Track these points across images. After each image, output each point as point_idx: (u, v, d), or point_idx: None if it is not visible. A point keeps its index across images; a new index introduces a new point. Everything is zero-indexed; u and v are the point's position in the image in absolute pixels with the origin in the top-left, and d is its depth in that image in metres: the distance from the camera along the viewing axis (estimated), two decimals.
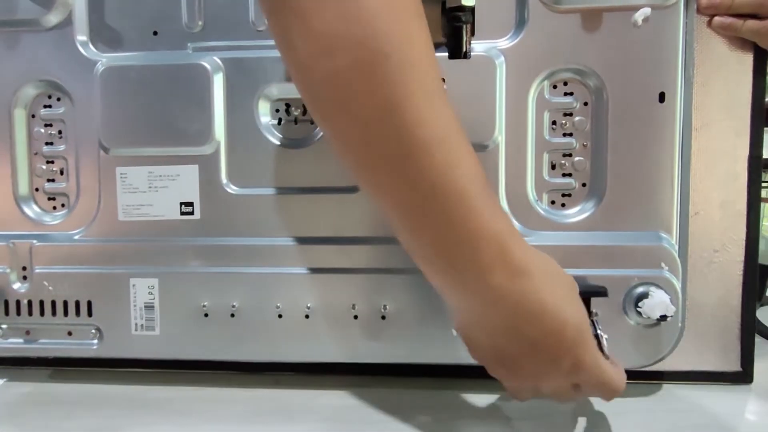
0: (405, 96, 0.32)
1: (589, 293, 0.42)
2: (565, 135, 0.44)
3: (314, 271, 0.45)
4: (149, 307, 0.46)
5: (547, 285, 0.35)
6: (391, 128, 0.32)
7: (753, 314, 0.46)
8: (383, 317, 0.45)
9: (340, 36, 0.32)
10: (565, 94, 0.44)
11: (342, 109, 0.33)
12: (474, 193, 0.33)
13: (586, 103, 0.44)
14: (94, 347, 0.47)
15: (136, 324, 0.46)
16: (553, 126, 0.44)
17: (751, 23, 0.43)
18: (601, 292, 0.42)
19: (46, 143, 0.48)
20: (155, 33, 0.46)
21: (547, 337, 0.35)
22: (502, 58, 0.43)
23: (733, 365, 0.46)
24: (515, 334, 0.35)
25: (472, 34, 0.43)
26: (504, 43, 0.43)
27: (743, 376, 0.46)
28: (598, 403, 0.44)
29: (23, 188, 0.48)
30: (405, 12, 0.33)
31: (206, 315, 0.46)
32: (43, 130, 0.48)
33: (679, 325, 0.43)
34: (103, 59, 0.46)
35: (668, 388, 0.46)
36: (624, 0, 0.42)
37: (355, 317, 0.45)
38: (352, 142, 0.34)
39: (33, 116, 0.48)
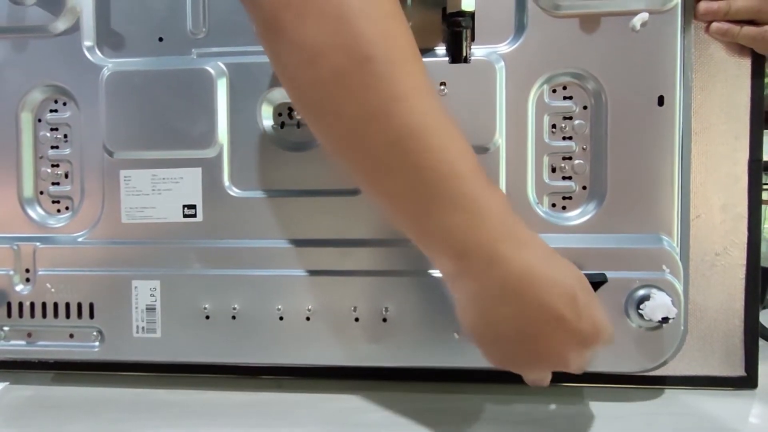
0: (391, 93, 0.34)
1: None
2: (564, 138, 0.45)
3: (315, 273, 0.45)
4: (151, 309, 0.46)
5: (549, 256, 0.36)
6: (381, 124, 0.34)
7: (756, 318, 0.46)
8: (384, 320, 0.45)
9: (322, 45, 0.33)
10: (565, 98, 0.44)
11: (330, 114, 0.35)
12: (471, 171, 0.35)
13: (585, 107, 0.44)
14: (96, 350, 0.47)
15: (137, 326, 0.47)
16: (553, 129, 0.45)
17: (748, 29, 0.43)
18: (601, 280, 0.42)
19: (52, 147, 0.49)
20: (160, 39, 0.47)
21: (564, 304, 0.35)
22: (502, 63, 0.44)
23: (737, 370, 0.46)
24: (529, 307, 0.35)
25: (472, 39, 0.44)
26: (504, 47, 0.44)
27: (747, 380, 0.46)
28: (599, 407, 0.44)
29: (28, 191, 0.49)
30: (383, 14, 0.34)
31: (207, 317, 0.46)
32: (48, 134, 0.49)
33: (682, 328, 0.43)
34: (109, 64, 0.47)
35: (671, 393, 0.46)
36: (622, 5, 0.42)
37: (357, 320, 0.45)
38: (344, 144, 0.35)
39: (39, 120, 0.49)
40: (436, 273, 0.44)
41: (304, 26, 0.34)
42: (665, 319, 0.41)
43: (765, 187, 0.46)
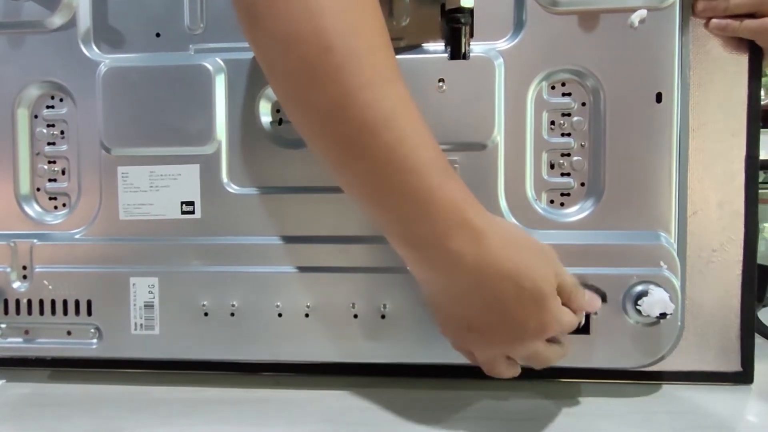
0: (350, 85, 0.34)
1: None
2: (563, 135, 0.45)
3: (314, 270, 0.45)
4: (149, 306, 0.46)
5: (506, 247, 0.36)
6: (340, 116, 0.35)
7: (752, 314, 0.46)
8: (383, 316, 0.45)
9: (290, 35, 0.35)
10: (564, 94, 0.44)
11: (300, 101, 0.36)
12: (423, 166, 0.35)
13: (584, 104, 0.44)
14: (94, 347, 0.47)
15: (135, 323, 0.46)
16: (552, 126, 0.45)
17: (749, 22, 0.43)
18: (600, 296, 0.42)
19: (48, 143, 0.48)
20: (158, 35, 0.47)
21: (509, 298, 0.36)
22: (501, 59, 0.44)
23: (733, 365, 0.46)
24: (479, 297, 0.36)
25: (471, 35, 0.44)
26: (503, 44, 0.44)
27: (743, 376, 0.46)
28: (597, 403, 0.44)
29: (24, 188, 0.49)
30: (348, 4, 0.35)
31: (206, 314, 0.46)
32: (45, 131, 0.48)
33: (679, 323, 0.43)
34: (106, 60, 0.46)
35: (668, 389, 0.46)
36: (621, 2, 0.42)
37: (355, 316, 0.45)
38: (311, 129, 0.37)
39: (36, 117, 0.48)
40: None
41: (276, 16, 0.35)
42: (663, 315, 0.41)
43: (763, 186, 0.47)
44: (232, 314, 0.46)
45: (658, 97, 0.43)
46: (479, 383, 0.46)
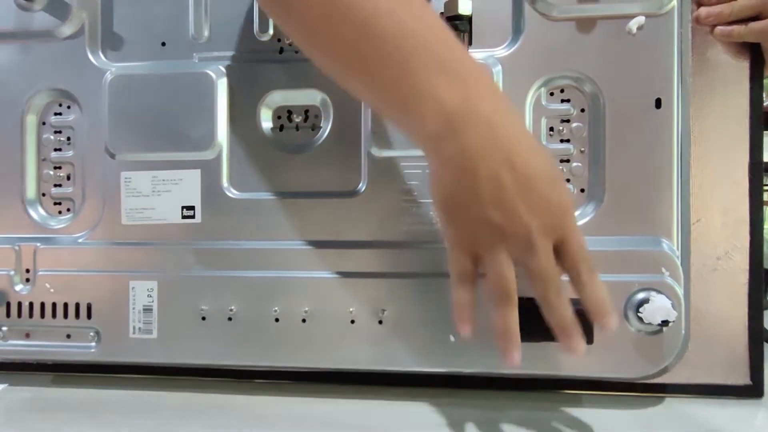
0: None
1: None
2: (562, 141, 0.45)
3: (312, 275, 0.45)
4: (147, 310, 0.46)
5: (521, 120, 0.38)
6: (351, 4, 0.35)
7: (760, 324, 0.45)
8: (380, 322, 0.44)
9: None
10: (562, 101, 0.44)
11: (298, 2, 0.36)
12: (450, 38, 0.35)
13: (583, 110, 0.44)
14: (92, 350, 0.47)
15: (134, 327, 0.47)
16: (551, 132, 0.45)
17: (754, 25, 0.43)
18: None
19: (55, 149, 0.50)
20: (163, 44, 0.48)
21: (537, 166, 0.35)
22: (500, 67, 0.44)
23: (742, 378, 0.45)
24: (494, 156, 0.35)
25: (470, 42, 0.44)
26: (501, 51, 0.44)
27: (753, 389, 0.45)
28: (599, 414, 0.43)
29: (31, 192, 0.49)
30: None
31: (204, 318, 0.46)
32: (52, 137, 0.50)
33: (683, 332, 0.42)
34: (113, 68, 0.48)
35: (672, 402, 0.45)
36: (618, 8, 0.43)
37: (352, 321, 0.45)
38: (318, 30, 0.36)
39: (43, 123, 0.50)
40: (433, 275, 0.44)
41: None
42: (665, 323, 0.40)
43: (766, 188, 0.46)
44: (230, 319, 0.46)
45: (658, 103, 0.43)
46: (478, 392, 0.46)
